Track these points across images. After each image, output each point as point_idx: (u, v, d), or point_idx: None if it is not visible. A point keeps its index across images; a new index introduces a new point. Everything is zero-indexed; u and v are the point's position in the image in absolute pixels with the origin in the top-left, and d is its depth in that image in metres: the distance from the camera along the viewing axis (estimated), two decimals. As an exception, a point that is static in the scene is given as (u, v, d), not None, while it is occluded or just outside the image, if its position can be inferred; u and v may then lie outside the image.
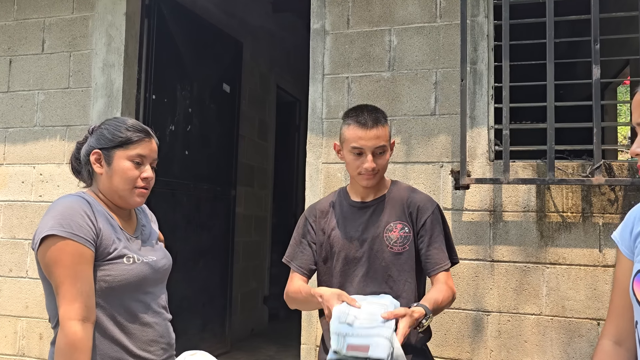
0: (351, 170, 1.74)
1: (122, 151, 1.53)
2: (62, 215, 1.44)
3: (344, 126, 1.75)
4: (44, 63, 3.40)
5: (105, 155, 1.54)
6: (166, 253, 1.68)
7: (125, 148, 1.53)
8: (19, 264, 3.31)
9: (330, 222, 1.81)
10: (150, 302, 1.56)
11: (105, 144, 1.54)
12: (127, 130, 1.54)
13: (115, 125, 1.56)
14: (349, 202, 1.82)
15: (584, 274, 2.49)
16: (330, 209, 1.84)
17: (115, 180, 1.53)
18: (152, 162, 1.59)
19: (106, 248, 1.47)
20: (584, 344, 2.47)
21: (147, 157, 1.56)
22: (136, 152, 1.53)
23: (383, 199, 1.79)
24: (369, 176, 1.71)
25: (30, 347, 3.25)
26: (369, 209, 1.78)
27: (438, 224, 1.74)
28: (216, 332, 4.18)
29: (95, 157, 1.55)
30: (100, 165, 1.55)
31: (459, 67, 2.68)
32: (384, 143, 1.70)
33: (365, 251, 1.73)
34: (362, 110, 1.74)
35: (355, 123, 1.70)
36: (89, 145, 1.57)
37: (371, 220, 1.76)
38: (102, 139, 1.55)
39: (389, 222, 1.74)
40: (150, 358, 1.53)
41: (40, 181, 3.33)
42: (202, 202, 4.03)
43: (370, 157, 1.68)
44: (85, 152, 1.58)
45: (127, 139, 1.53)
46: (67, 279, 1.40)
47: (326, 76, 2.90)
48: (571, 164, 2.56)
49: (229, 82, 4.32)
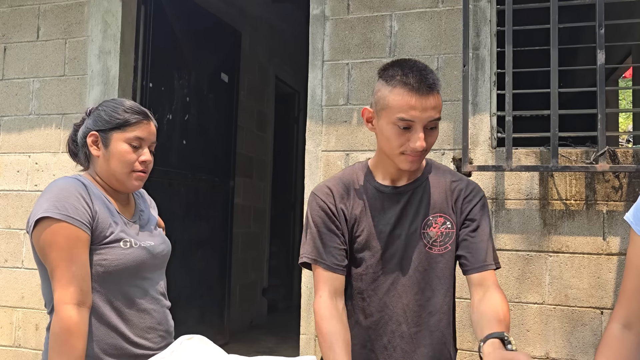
0: (390, 148, 1.31)
1: (120, 133, 1.49)
2: (57, 198, 1.40)
3: (384, 87, 1.31)
4: (39, 50, 3.35)
5: (102, 138, 1.50)
6: (165, 239, 1.65)
7: (123, 130, 1.49)
8: (14, 254, 3.27)
9: (353, 209, 1.40)
10: (148, 288, 1.52)
11: (102, 125, 1.50)
12: (124, 112, 1.50)
13: (113, 107, 1.52)
14: (375, 186, 1.41)
15: (587, 262, 2.46)
16: (351, 192, 1.41)
17: (112, 163, 1.49)
18: (151, 145, 1.55)
19: (102, 231, 1.44)
20: (587, 333, 2.44)
21: (145, 140, 1.52)
22: (134, 134, 1.49)
23: (420, 184, 1.41)
24: (414, 157, 1.30)
25: (27, 338, 3.21)
26: (403, 196, 1.39)
27: (486, 216, 1.39)
28: (215, 324, 4.14)
29: (92, 139, 1.51)
30: (97, 148, 1.51)
31: (460, 52, 2.64)
32: (439, 115, 1.30)
33: (396, 252, 1.37)
34: (411, 67, 1.29)
35: (404, 86, 1.26)
36: (86, 127, 1.54)
37: (406, 211, 1.38)
38: (99, 120, 1.51)
39: (428, 215, 1.37)
40: (148, 345, 1.50)
41: (36, 170, 3.28)
42: (200, 192, 3.99)
43: (422, 134, 1.27)
44: (82, 134, 1.54)
45: (124, 120, 1.49)
46: (62, 263, 1.37)
47: (326, 63, 2.85)
48: (575, 151, 2.52)
49: (227, 71, 4.27)
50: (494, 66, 2.65)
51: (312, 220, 1.41)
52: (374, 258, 1.38)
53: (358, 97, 2.78)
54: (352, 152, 2.76)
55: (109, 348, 1.44)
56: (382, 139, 1.34)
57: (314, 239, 1.39)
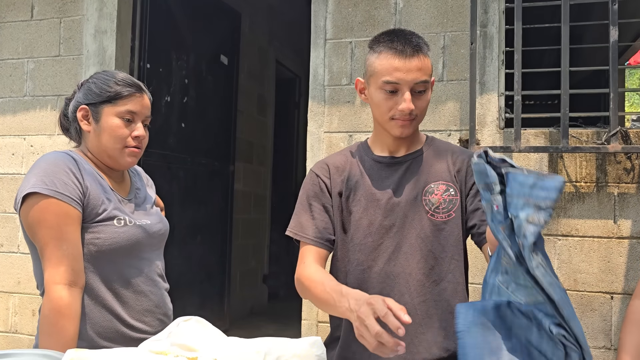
0: (380, 114, 1.33)
1: (111, 107, 1.41)
2: (45, 172, 1.33)
3: (371, 55, 1.33)
4: (33, 30, 3.26)
5: (93, 112, 1.42)
6: (162, 218, 1.58)
7: (114, 104, 1.41)
8: (10, 238, 3.20)
9: (349, 180, 1.39)
10: (144, 269, 1.45)
11: (93, 99, 1.42)
12: (116, 84, 1.42)
13: (104, 79, 1.44)
14: (372, 157, 1.41)
15: (597, 246, 2.39)
16: (347, 164, 1.41)
17: (103, 138, 1.42)
18: (145, 119, 1.47)
19: (94, 208, 1.36)
20: (596, 318, 2.38)
21: (138, 114, 1.44)
22: (126, 108, 1.41)
23: (420, 154, 1.38)
24: (404, 122, 1.30)
25: (23, 324, 3.15)
26: (402, 165, 1.37)
27: None
28: (215, 310, 4.09)
29: (82, 113, 1.43)
30: (88, 123, 1.43)
31: (468, 30, 2.55)
32: (426, 78, 1.29)
33: (397, 219, 1.33)
34: (398, 34, 1.31)
35: (388, 50, 1.28)
36: (76, 101, 1.46)
37: (404, 179, 1.36)
38: (90, 93, 1.44)
39: (429, 183, 1.34)
40: (145, 329, 1.43)
41: (31, 153, 3.21)
42: (199, 177, 3.91)
43: (409, 95, 1.27)
44: (72, 108, 1.47)
45: (116, 93, 1.41)
46: (51, 241, 1.30)
47: (328, 41, 2.77)
48: (585, 131, 2.44)
49: (226, 53, 4.18)
50: (502, 44, 2.56)
51: (303, 194, 1.43)
52: (373, 226, 1.35)
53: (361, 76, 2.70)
54: (355, 133, 2.68)
55: (104, 331, 1.38)
56: (373, 106, 1.35)
57: (301, 213, 1.42)
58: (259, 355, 0.96)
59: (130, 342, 1.40)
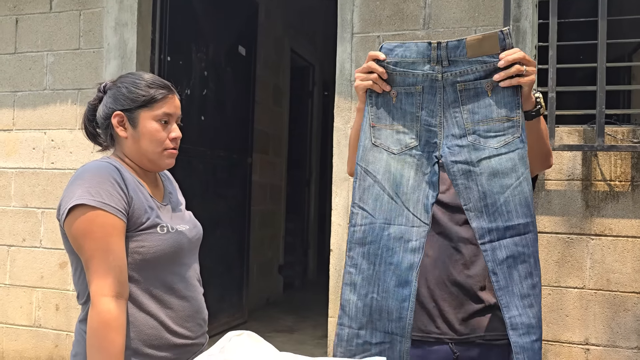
0: None
1: (147, 111, 1.38)
2: (91, 183, 1.30)
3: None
4: (52, 22, 3.21)
5: (129, 118, 1.39)
6: (196, 222, 1.56)
7: (150, 108, 1.38)
8: (32, 233, 3.20)
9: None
10: (185, 275, 1.44)
11: (127, 104, 1.39)
12: (148, 88, 1.39)
13: (133, 83, 1.40)
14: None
15: (631, 246, 2.36)
16: None
17: (143, 143, 1.39)
18: (177, 119, 1.45)
19: (139, 218, 1.34)
20: (629, 319, 2.35)
21: (172, 115, 1.42)
22: (162, 111, 1.39)
23: None
24: None
25: (47, 318, 3.16)
26: None
27: None
28: (234, 302, 4.10)
29: (118, 119, 1.39)
30: (124, 129, 1.40)
31: (499, 24, 2.49)
32: None
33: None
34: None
35: None
36: (107, 107, 1.41)
37: None
38: (122, 99, 1.39)
39: None
40: (187, 334, 1.42)
41: (52, 147, 3.19)
42: (218, 169, 3.89)
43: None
44: (104, 115, 1.42)
45: (150, 97, 1.38)
46: (97, 253, 1.28)
47: (355, 35, 2.71)
48: (621, 129, 2.39)
49: (244, 44, 4.12)
50: (534, 39, 2.50)
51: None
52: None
53: (390, 71, 2.65)
54: (383, 130, 2.64)
55: (149, 339, 1.36)
56: None
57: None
58: (326, 379, 0.93)
59: (173, 349, 1.39)
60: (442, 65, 1.25)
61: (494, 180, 1.23)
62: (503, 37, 1.21)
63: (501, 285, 1.22)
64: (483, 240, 1.23)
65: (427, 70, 1.26)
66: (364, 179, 1.31)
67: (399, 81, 1.28)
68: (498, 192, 1.23)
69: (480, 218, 1.24)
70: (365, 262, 1.29)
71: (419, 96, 1.27)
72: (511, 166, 1.22)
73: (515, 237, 1.22)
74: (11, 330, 3.22)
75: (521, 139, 1.22)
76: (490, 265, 1.23)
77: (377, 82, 1.27)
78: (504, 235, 1.22)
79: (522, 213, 1.22)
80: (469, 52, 1.22)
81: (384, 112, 1.31)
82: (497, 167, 1.23)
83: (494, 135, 1.23)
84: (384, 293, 1.26)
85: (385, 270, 1.27)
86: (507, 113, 1.22)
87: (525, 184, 1.22)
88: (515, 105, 1.22)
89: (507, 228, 1.22)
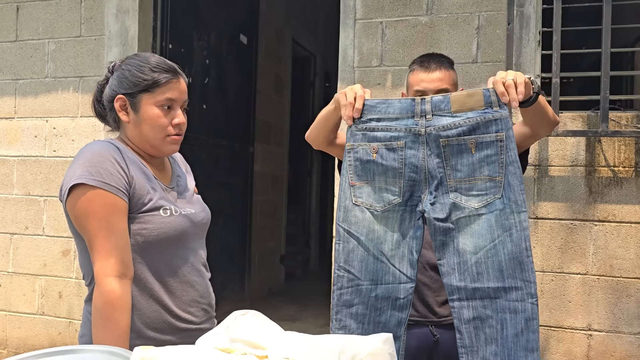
0: None
1: (149, 96, 1.35)
2: (91, 163, 1.29)
3: (409, 74, 1.67)
4: (53, 10, 3.20)
5: (131, 102, 1.36)
6: (204, 206, 1.54)
7: (152, 92, 1.35)
8: (35, 221, 3.20)
9: None
10: (190, 259, 1.43)
11: (130, 88, 1.36)
12: (151, 72, 1.35)
13: (138, 66, 1.37)
14: None
15: (635, 232, 2.35)
16: None
17: (144, 128, 1.37)
18: (183, 104, 1.42)
19: (140, 198, 1.33)
20: (632, 305, 2.35)
21: (176, 101, 1.38)
22: (165, 96, 1.35)
23: None
24: None
25: (50, 306, 3.17)
26: None
27: None
28: (236, 292, 4.10)
29: (120, 103, 1.37)
30: (126, 113, 1.37)
31: (503, 10, 2.48)
32: (447, 86, 1.57)
33: None
34: (427, 55, 1.68)
35: (418, 67, 1.62)
36: (111, 90, 1.39)
37: None
38: (125, 82, 1.36)
39: None
40: (191, 319, 1.41)
41: (54, 135, 3.18)
42: (220, 158, 3.88)
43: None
44: (108, 97, 1.40)
45: (153, 81, 1.35)
46: (100, 232, 1.27)
47: (358, 21, 2.70)
48: (625, 114, 2.38)
49: (246, 32, 4.10)
50: (539, 24, 2.49)
51: None
52: None
53: (392, 57, 2.64)
54: (386, 117, 2.63)
55: (152, 322, 1.36)
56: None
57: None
58: (333, 354, 0.93)
59: (177, 333, 1.38)
60: (426, 119, 1.25)
61: (469, 239, 1.22)
62: (489, 95, 1.22)
63: (465, 344, 1.22)
64: (452, 297, 1.23)
65: (410, 124, 1.26)
66: (347, 240, 1.30)
67: (380, 137, 1.27)
68: (471, 252, 1.22)
69: (451, 275, 1.23)
70: (354, 323, 1.29)
71: (401, 151, 1.27)
72: (487, 227, 1.21)
73: (484, 300, 1.20)
74: (14, 317, 3.23)
75: (502, 200, 1.20)
76: (456, 323, 1.23)
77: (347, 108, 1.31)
78: (473, 296, 1.21)
79: (493, 277, 1.20)
80: (453, 107, 1.23)
81: (364, 169, 1.30)
82: (474, 227, 1.22)
83: (476, 195, 1.22)
84: None
85: (374, 329, 1.27)
86: (490, 172, 1.21)
87: (500, 248, 1.20)
88: (498, 165, 1.21)
89: (476, 289, 1.21)
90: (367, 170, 1.29)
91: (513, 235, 1.20)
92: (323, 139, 1.60)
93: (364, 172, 1.29)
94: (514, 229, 1.20)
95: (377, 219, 1.28)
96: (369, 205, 1.29)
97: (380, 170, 1.28)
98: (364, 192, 1.29)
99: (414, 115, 1.25)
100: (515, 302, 1.18)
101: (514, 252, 1.19)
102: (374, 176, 1.29)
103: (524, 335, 1.18)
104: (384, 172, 1.27)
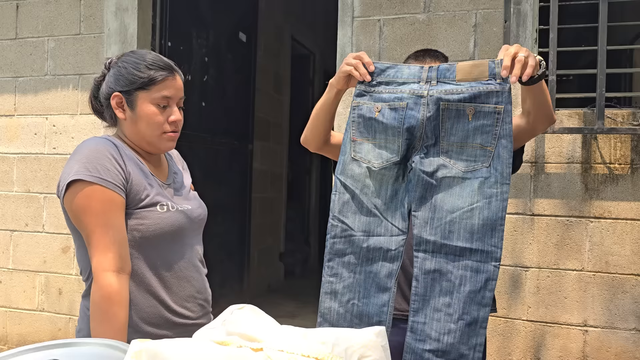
0: None
1: (145, 94, 1.36)
2: (88, 159, 1.30)
3: None
4: (52, 7, 3.21)
5: (127, 99, 1.37)
6: (201, 202, 1.56)
7: (148, 90, 1.36)
8: (35, 218, 3.21)
9: None
10: (187, 254, 1.45)
11: (125, 85, 1.37)
12: (147, 69, 1.37)
13: (134, 63, 1.38)
14: None
15: (630, 229, 2.37)
16: None
17: (141, 126, 1.38)
18: (179, 101, 1.44)
19: (137, 194, 1.34)
20: (627, 301, 2.37)
21: (173, 98, 1.40)
22: (161, 94, 1.37)
23: None
24: None
25: (50, 302, 3.19)
26: None
27: None
28: (235, 289, 4.12)
29: (116, 100, 1.38)
30: (123, 110, 1.39)
31: (500, 7, 2.49)
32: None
33: None
34: (423, 50, 1.69)
35: (414, 61, 1.62)
36: (108, 86, 1.40)
37: None
38: (121, 79, 1.38)
39: None
40: (187, 314, 1.43)
41: (54, 133, 3.20)
42: (219, 156, 3.90)
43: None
44: (104, 94, 1.41)
45: (149, 79, 1.36)
46: (98, 228, 1.28)
47: (356, 19, 2.71)
48: (621, 112, 2.40)
49: (245, 30, 4.11)
50: (535, 22, 2.50)
51: None
52: None
53: (390, 55, 2.65)
54: (384, 114, 2.65)
55: (149, 316, 1.37)
56: None
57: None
58: (326, 346, 0.95)
59: (173, 328, 1.40)
60: (430, 84, 1.28)
61: (448, 198, 1.25)
62: (494, 66, 1.24)
63: (418, 292, 1.25)
64: (417, 248, 1.26)
65: (415, 87, 1.30)
66: (343, 192, 1.34)
67: (385, 98, 1.32)
68: (447, 211, 1.25)
69: (423, 227, 1.26)
70: (346, 271, 1.32)
71: (402, 111, 1.30)
72: (468, 192, 1.24)
73: (449, 256, 1.24)
74: (14, 314, 3.25)
75: (489, 170, 1.23)
76: (415, 271, 1.26)
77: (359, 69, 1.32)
78: (439, 251, 1.24)
79: (463, 237, 1.23)
80: (458, 76, 1.26)
81: (366, 125, 1.33)
82: (456, 189, 1.25)
83: (465, 159, 1.25)
84: (364, 299, 1.30)
85: (365, 278, 1.31)
86: (483, 142, 1.24)
87: (476, 212, 1.23)
88: (492, 136, 1.23)
89: (443, 245, 1.24)
90: (369, 127, 1.33)
91: (492, 203, 1.22)
92: (318, 136, 1.62)
93: (366, 129, 1.33)
94: (494, 198, 1.22)
95: (373, 175, 1.32)
96: (367, 161, 1.33)
97: (380, 128, 1.32)
98: (364, 149, 1.34)
99: (420, 81, 1.29)
100: (478, 263, 1.22)
101: (489, 219, 1.22)
102: (375, 134, 1.33)
103: (480, 293, 1.21)
104: (384, 130, 1.31)
